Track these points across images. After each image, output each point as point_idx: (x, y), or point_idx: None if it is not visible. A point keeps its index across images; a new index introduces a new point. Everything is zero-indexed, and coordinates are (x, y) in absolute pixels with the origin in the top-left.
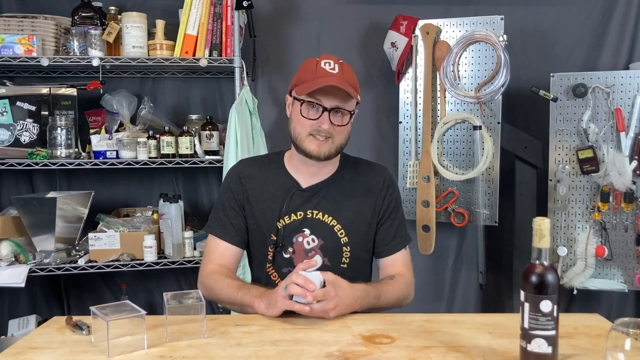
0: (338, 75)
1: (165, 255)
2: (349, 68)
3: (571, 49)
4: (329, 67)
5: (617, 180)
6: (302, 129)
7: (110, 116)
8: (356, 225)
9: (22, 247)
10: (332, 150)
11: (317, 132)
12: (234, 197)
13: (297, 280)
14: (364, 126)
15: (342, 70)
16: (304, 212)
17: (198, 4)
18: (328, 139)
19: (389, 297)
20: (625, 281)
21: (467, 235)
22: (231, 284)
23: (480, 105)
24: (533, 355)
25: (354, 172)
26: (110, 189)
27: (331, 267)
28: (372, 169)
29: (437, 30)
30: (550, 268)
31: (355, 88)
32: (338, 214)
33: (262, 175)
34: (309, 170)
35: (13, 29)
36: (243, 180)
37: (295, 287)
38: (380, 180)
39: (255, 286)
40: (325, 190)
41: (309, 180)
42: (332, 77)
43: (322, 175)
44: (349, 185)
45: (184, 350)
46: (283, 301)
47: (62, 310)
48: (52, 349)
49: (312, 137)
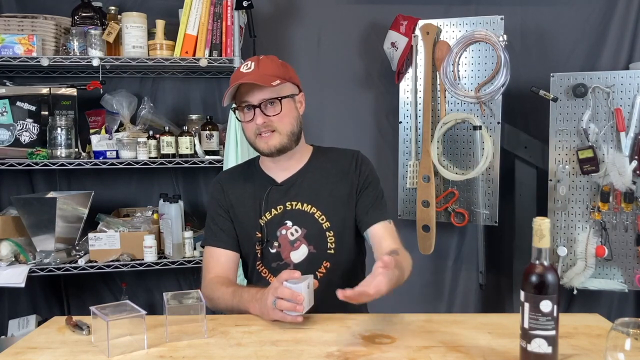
0: (253, 72)
1: (165, 255)
2: (267, 60)
3: (571, 49)
4: (245, 69)
5: (617, 180)
6: (249, 132)
7: (110, 116)
8: (335, 209)
9: (22, 247)
10: (284, 140)
11: (259, 130)
12: (219, 205)
13: (283, 295)
14: (364, 126)
15: (258, 65)
16: (283, 205)
17: (198, 4)
18: (273, 132)
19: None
20: (625, 281)
21: (467, 235)
22: (225, 292)
23: (480, 105)
24: (533, 355)
25: (326, 160)
26: (110, 189)
27: (317, 254)
28: (343, 154)
29: (437, 30)
30: (550, 268)
31: (277, 75)
32: (316, 200)
33: (241, 178)
34: (278, 165)
35: (13, 29)
36: (224, 187)
37: (284, 302)
38: (352, 161)
39: (247, 289)
40: (300, 180)
41: (283, 175)
42: (245, 76)
43: (295, 167)
44: (322, 172)
45: (184, 350)
46: (275, 313)
47: (62, 310)
48: (52, 349)
49: (260, 137)
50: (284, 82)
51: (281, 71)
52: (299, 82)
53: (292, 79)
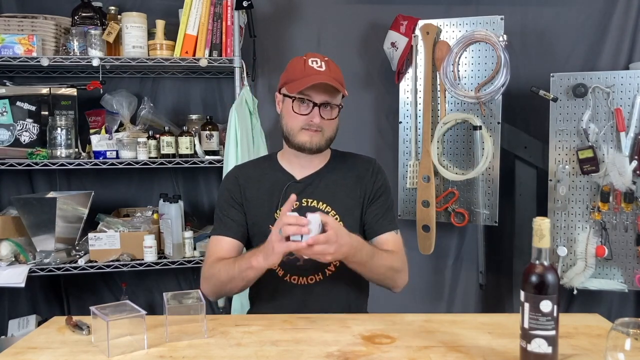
0: (325, 73)
1: (165, 255)
2: (334, 65)
3: (571, 49)
4: (316, 65)
5: (617, 180)
6: (295, 124)
7: (110, 116)
8: (349, 210)
9: (22, 247)
10: (323, 142)
11: (308, 126)
12: (232, 197)
13: (288, 221)
14: (364, 126)
15: (328, 67)
16: (299, 202)
17: (198, 4)
18: (319, 132)
19: (382, 262)
20: (625, 281)
21: (467, 235)
22: (226, 262)
23: (480, 105)
24: (533, 355)
25: (344, 163)
26: (110, 189)
27: None
28: (361, 160)
29: (437, 30)
30: (550, 268)
31: (342, 83)
32: (332, 200)
33: (258, 173)
34: (301, 162)
35: (13, 29)
36: (240, 180)
37: (290, 227)
38: (369, 168)
39: (247, 252)
40: (318, 180)
41: (302, 172)
42: (320, 74)
43: (315, 167)
44: (340, 175)
45: (184, 350)
46: (280, 245)
47: (62, 310)
48: (52, 349)
49: (305, 130)
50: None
51: (342, 79)
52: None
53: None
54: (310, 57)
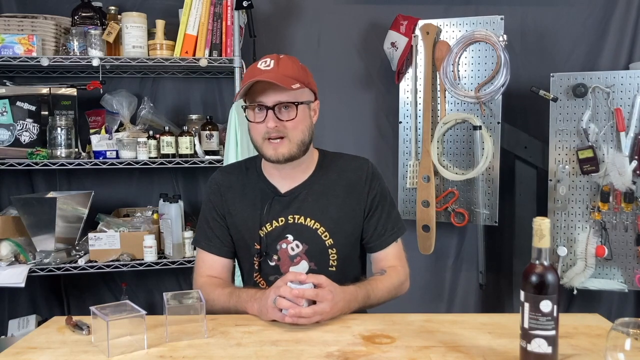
0: (272, 70)
1: (165, 255)
2: (290, 61)
3: (571, 49)
4: (264, 65)
5: (617, 180)
6: (256, 134)
7: (110, 116)
8: (340, 226)
9: (22, 247)
10: (293, 149)
11: (268, 134)
12: (215, 209)
13: (285, 294)
14: (364, 126)
15: (277, 64)
16: (285, 218)
17: (198, 4)
18: (283, 139)
19: (379, 294)
20: (625, 281)
21: (467, 235)
22: (222, 293)
23: (480, 105)
24: (533, 355)
25: (333, 170)
26: (110, 189)
27: (318, 271)
28: (352, 164)
29: (437, 30)
30: (550, 268)
31: (297, 78)
32: (320, 216)
33: (240, 183)
34: (282, 174)
35: (13, 29)
36: (222, 190)
37: (284, 301)
38: (362, 175)
39: (245, 289)
40: (304, 193)
41: (287, 185)
42: (263, 73)
43: (300, 178)
44: (329, 185)
45: (184, 350)
46: (274, 312)
47: (62, 310)
48: (52, 349)
49: (268, 142)
50: (303, 86)
51: (301, 74)
52: (316, 89)
53: (311, 84)
54: (263, 58)
